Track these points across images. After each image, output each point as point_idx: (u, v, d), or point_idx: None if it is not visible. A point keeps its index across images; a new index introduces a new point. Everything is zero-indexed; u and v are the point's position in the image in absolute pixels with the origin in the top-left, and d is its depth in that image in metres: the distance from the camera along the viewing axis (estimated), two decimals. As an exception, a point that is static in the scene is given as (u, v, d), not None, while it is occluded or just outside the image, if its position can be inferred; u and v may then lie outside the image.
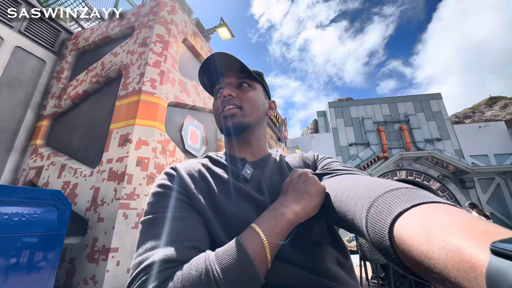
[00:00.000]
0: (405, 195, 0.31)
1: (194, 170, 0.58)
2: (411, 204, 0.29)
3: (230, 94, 0.62)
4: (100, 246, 2.09)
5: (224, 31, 4.86)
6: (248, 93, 0.64)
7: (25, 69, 3.42)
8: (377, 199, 0.34)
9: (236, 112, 0.61)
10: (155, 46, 2.90)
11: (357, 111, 14.86)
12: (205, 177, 0.56)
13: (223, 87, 0.64)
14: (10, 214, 1.67)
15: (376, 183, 0.39)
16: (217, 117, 0.65)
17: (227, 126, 0.61)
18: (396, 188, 0.34)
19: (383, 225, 0.30)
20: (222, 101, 0.62)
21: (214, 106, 0.67)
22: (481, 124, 13.76)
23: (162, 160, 2.55)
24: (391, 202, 0.31)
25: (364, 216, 0.34)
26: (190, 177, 0.55)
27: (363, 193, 0.38)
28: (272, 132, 7.38)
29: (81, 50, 3.69)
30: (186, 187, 0.53)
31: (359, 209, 0.36)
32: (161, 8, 3.14)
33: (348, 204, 0.40)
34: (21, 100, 3.35)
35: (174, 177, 0.55)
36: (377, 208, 0.32)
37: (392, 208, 0.30)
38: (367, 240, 0.35)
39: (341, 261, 0.53)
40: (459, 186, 11.86)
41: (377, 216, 0.31)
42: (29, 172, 3.00)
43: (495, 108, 22.84)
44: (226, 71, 0.65)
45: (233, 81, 0.65)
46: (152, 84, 2.71)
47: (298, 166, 0.65)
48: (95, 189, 2.36)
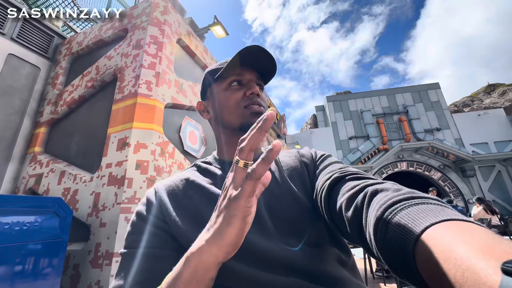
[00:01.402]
0: (431, 210, 0.29)
1: (178, 189, 0.55)
2: (435, 220, 0.27)
3: (259, 93, 0.59)
4: (104, 251, 2.08)
5: (219, 29, 4.82)
6: (263, 95, 0.62)
7: (19, 76, 3.39)
8: (399, 211, 0.31)
9: (263, 111, 0.58)
10: (149, 48, 2.87)
11: (356, 104, 14.83)
12: (189, 195, 0.53)
13: (245, 82, 0.60)
14: (11, 224, 1.66)
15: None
16: (236, 111, 0.58)
17: (253, 123, 0.59)
18: (420, 203, 0.32)
19: (407, 240, 0.28)
20: (248, 97, 0.58)
21: (229, 98, 0.60)
22: (480, 112, 13.74)
23: (161, 162, 2.54)
24: (415, 216, 0.29)
25: (383, 228, 0.32)
26: (172, 197, 0.53)
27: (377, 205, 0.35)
28: (271, 129, 7.38)
29: (75, 54, 3.65)
30: (165, 212, 0.51)
31: (373, 220, 0.34)
32: (153, 9, 3.11)
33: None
34: (17, 108, 3.33)
35: (153, 203, 0.53)
36: (399, 221, 0.30)
37: (417, 222, 0.28)
38: (376, 253, 0.33)
39: (343, 260, 0.52)
40: (460, 175, 11.89)
41: (400, 231, 0.29)
42: (29, 180, 2.99)
43: (494, 95, 22.81)
44: (261, 67, 0.61)
45: (254, 78, 0.61)
46: (148, 86, 2.69)
47: (294, 165, 0.61)
48: (96, 195, 2.35)
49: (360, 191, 0.40)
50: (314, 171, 0.59)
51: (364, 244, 0.37)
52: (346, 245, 0.56)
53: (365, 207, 0.37)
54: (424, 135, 13.21)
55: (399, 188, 0.37)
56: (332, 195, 0.46)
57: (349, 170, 0.49)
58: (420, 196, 0.33)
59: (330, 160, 0.59)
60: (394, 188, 0.37)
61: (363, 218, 0.37)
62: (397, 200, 0.33)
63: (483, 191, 11.48)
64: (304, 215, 0.51)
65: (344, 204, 0.41)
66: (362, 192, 0.40)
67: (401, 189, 0.36)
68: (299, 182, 0.57)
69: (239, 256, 0.46)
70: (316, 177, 0.56)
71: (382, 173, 12.52)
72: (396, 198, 0.33)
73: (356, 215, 0.39)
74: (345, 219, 0.41)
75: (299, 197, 0.53)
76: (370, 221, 0.35)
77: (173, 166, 2.69)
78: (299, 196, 0.53)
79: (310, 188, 0.56)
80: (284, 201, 0.53)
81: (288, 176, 0.58)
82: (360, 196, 0.39)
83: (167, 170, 2.58)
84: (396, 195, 0.34)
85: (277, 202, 0.53)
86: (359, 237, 0.38)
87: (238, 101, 0.58)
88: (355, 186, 0.42)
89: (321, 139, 14.20)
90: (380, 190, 0.38)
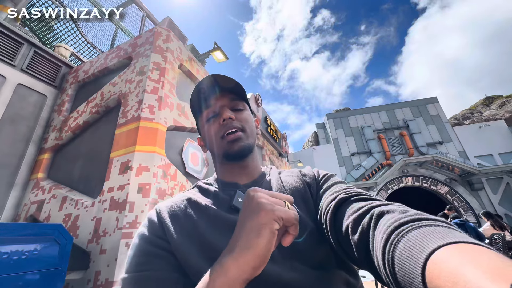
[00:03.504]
0: (438, 232, 0.29)
1: (179, 209, 0.55)
2: (443, 242, 0.27)
3: (231, 117, 0.59)
4: (103, 280, 2.01)
5: (219, 54, 5.03)
6: (243, 115, 0.62)
7: (27, 104, 3.51)
8: (406, 233, 0.31)
9: (241, 136, 0.58)
10: (152, 74, 2.98)
11: (356, 120, 14.96)
12: (190, 215, 0.53)
13: (217, 111, 0.61)
14: (10, 253, 1.62)
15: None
16: (216, 143, 0.60)
17: (232, 151, 0.58)
18: (427, 225, 0.31)
19: (415, 264, 0.27)
20: (222, 125, 0.59)
21: (208, 131, 0.62)
22: (481, 124, 13.76)
23: (163, 185, 2.53)
24: (423, 238, 0.29)
25: (390, 251, 0.31)
26: (174, 218, 0.53)
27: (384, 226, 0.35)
28: (272, 148, 7.39)
29: (81, 82, 3.80)
30: (167, 233, 0.50)
31: (380, 242, 0.33)
32: (156, 37, 3.28)
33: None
34: (23, 135, 3.40)
35: (155, 224, 0.53)
36: (406, 244, 0.30)
37: (425, 245, 0.28)
38: (385, 278, 0.32)
39: (351, 283, 0.49)
40: (468, 188, 11.62)
41: (408, 253, 0.29)
42: (31, 207, 2.97)
43: (493, 107, 22.94)
44: (220, 92, 0.63)
45: (226, 103, 0.62)
46: (151, 110, 2.76)
47: (296, 185, 0.60)
48: (97, 220, 2.31)
49: (366, 213, 0.40)
50: (318, 191, 0.58)
51: (372, 268, 0.36)
52: (354, 268, 0.54)
53: (371, 229, 0.37)
54: (427, 149, 13.13)
55: (405, 210, 0.36)
56: (337, 217, 0.45)
57: (354, 191, 0.49)
58: (427, 218, 0.33)
59: (334, 180, 0.59)
60: (400, 210, 0.36)
61: (369, 241, 0.36)
62: (404, 222, 0.33)
63: (494, 204, 11.14)
64: (307, 236, 0.50)
65: (351, 227, 0.41)
66: (368, 214, 0.39)
67: (408, 211, 0.36)
68: (301, 203, 0.56)
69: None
70: (319, 197, 0.55)
71: (388, 189, 12.28)
72: (402, 220, 0.33)
73: (363, 238, 0.38)
74: (352, 242, 0.40)
75: (302, 218, 0.52)
76: (377, 244, 0.34)
77: (175, 188, 2.67)
78: (302, 217, 0.52)
79: (313, 208, 0.55)
80: None
81: None
82: (366, 218, 0.39)
83: (169, 193, 2.56)
84: (402, 216, 0.34)
85: None
86: (366, 261, 0.37)
87: (216, 133, 0.60)
88: (361, 208, 0.42)
89: (324, 156, 14.15)
90: (387, 211, 0.37)
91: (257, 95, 6.45)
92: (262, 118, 6.78)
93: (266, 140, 6.89)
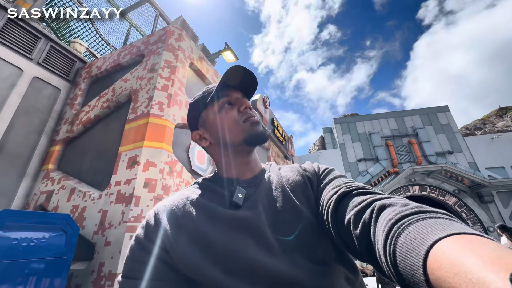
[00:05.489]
0: (439, 224, 0.29)
1: (177, 207, 0.55)
2: (444, 234, 0.27)
3: (250, 107, 0.62)
4: (106, 272, 2.04)
5: (229, 54, 5.07)
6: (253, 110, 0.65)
7: (41, 97, 3.61)
8: (407, 226, 0.31)
9: (260, 121, 0.61)
10: (163, 71, 3.03)
11: (364, 126, 14.78)
12: (190, 213, 0.53)
13: (234, 101, 0.63)
14: (19, 240, 1.67)
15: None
16: (237, 128, 0.60)
17: (257, 132, 0.59)
18: (428, 217, 0.31)
19: (416, 255, 0.28)
20: (243, 112, 0.61)
21: (226, 117, 0.61)
22: (493, 135, 13.39)
23: (169, 181, 2.56)
24: (424, 230, 0.29)
25: (391, 243, 0.31)
26: (172, 217, 0.53)
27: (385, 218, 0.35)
28: (278, 150, 7.37)
29: (94, 77, 3.89)
30: (164, 236, 0.50)
31: (381, 235, 0.34)
32: (169, 36, 3.33)
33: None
34: (36, 127, 3.49)
35: (152, 227, 0.53)
36: (407, 236, 0.30)
37: (425, 237, 0.28)
38: (387, 270, 0.32)
39: (350, 279, 0.50)
40: (477, 200, 11.31)
41: (409, 245, 0.29)
42: (40, 197, 3.05)
43: (506, 118, 22.34)
44: (244, 86, 0.64)
45: (240, 96, 0.64)
46: (160, 107, 2.80)
47: (297, 180, 0.60)
48: (103, 212, 2.36)
49: (368, 206, 0.40)
50: (318, 185, 0.58)
51: (374, 261, 0.36)
52: (354, 263, 0.54)
53: (373, 222, 0.37)
54: (436, 158, 12.85)
55: (406, 203, 0.36)
56: (339, 211, 0.46)
57: (356, 185, 0.49)
58: (428, 210, 0.33)
59: (334, 174, 0.59)
60: (401, 203, 0.37)
61: (371, 234, 0.36)
62: (405, 214, 0.33)
63: (504, 218, 10.80)
64: (308, 230, 0.50)
65: (352, 220, 0.41)
66: (370, 207, 0.39)
67: (409, 204, 0.36)
68: (302, 197, 0.56)
69: (244, 275, 0.45)
70: (320, 191, 0.55)
71: (394, 197, 12.08)
72: (404, 213, 0.33)
73: (365, 231, 0.38)
74: (354, 235, 0.40)
75: (303, 212, 0.52)
76: (378, 236, 0.34)
77: (180, 185, 2.70)
78: (303, 211, 0.52)
79: (314, 202, 0.55)
80: (288, 217, 0.51)
81: (291, 191, 0.56)
82: (367, 211, 0.39)
83: (174, 189, 2.59)
84: (404, 209, 0.34)
85: (281, 218, 0.52)
86: (368, 253, 0.37)
87: (236, 118, 0.60)
88: (362, 201, 0.42)
89: (329, 160, 14.02)
90: (388, 205, 0.37)
91: (265, 97, 6.47)
92: (269, 120, 6.78)
93: (272, 142, 6.88)
